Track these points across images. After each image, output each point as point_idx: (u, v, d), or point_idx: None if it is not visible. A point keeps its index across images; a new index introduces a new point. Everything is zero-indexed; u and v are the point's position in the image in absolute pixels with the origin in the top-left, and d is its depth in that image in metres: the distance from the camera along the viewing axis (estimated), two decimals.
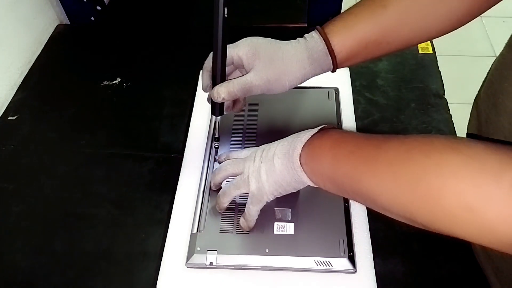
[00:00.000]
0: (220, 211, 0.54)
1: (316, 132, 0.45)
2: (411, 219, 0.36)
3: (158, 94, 0.74)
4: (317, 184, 0.44)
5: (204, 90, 0.51)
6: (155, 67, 0.79)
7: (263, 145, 0.50)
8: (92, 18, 0.88)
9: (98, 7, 0.87)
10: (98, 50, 0.83)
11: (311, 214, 0.54)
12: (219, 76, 0.49)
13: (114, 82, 0.76)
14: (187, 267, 0.52)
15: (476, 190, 0.31)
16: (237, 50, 0.49)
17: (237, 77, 0.49)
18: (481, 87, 0.55)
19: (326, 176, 0.43)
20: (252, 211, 0.50)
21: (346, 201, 0.55)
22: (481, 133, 0.53)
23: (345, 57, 0.49)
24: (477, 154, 0.32)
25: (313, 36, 0.49)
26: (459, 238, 0.33)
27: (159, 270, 0.52)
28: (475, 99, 0.57)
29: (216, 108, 0.51)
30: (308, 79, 0.50)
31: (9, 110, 0.73)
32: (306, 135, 0.45)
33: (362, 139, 0.41)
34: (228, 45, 0.49)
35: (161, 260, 0.53)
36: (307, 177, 0.44)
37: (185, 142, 0.64)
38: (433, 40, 0.78)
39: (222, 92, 0.48)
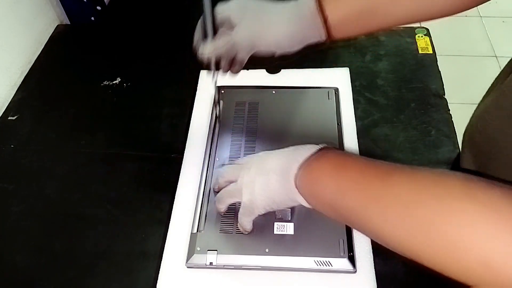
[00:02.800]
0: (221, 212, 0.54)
1: (315, 152, 0.43)
2: (419, 261, 0.34)
3: (158, 94, 0.74)
4: (315, 207, 0.43)
5: (195, 46, 0.51)
6: (155, 67, 0.79)
7: (261, 153, 0.49)
8: (92, 18, 0.88)
9: (98, 7, 0.87)
10: (98, 50, 0.83)
11: (311, 214, 0.54)
12: (208, 32, 0.48)
13: (114, 82, 0.76)
14: (187, 267, 0.52)
15: (493, 243, 0.29)
16: (226, 8, 0.48)
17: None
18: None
19: (328, 204, 0.41)
20: (244, 221, 0.50)
21: None
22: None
23: (338, 23, 0.47)
24: (494, 202, 0.30)
25: None
26: (466, 283, 0.32)
27: (159, 270, 0.52)
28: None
29: (212, 69, 0.51)
30: (297, 42, 0.48)
31: (9, 110, 0.73)
32: (303, 154, 0.43)
33: (366, 166, 0.39)
34: (218, 4, 0.48)
35: (161, 260, 0.53)
36: (304, 199, 0.43)
37: (185, 142, 0.64)
38: (433, 40, 0.78)
39: (207, 50, 0.48)
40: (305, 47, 0.50)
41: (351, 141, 0.63)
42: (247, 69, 0.73)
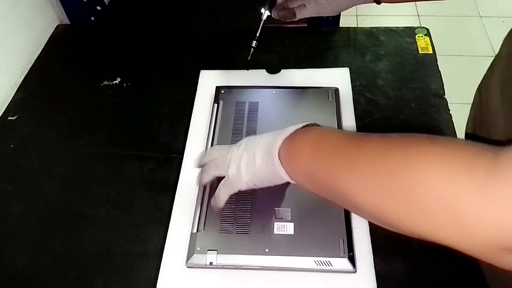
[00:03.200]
0: (201, 185, 0.56)
1: (299, 129, 0.45)
2: (390, 223, 0.34)
3: (158, 94, 0.74)
4: (295, 180, 0.44)
5: None
6: (155, 67, 0.79)
7: (252, 135, 0.50)
8: (92, 18, 0.88)
9: (98, 7, 0.87)
10: (98, 50, 0.83)
11: (311, 214, 0.54)
12: None
13: (114, 82, 0.76)
14: (187, 267, 0.52)
15: (448, 182, 0.29)
16: None
17: None
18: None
19: (305, 173, 0.42)
20: (222, 194, 0.49)
21: None
22: (481, 113, 0.52)
23: None
24: (454, 145, 0.31)
25: None
26: (437, 242, 0.31)
27: (159, 270, 0.52)
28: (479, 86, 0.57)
29: (267, 1, 0.56)
30: (350, 7, 0.57)
31: (9, 110, 0.73)
32: (288, 130, 0.45)
33: (344, 137, 0.41)
34: None
35: (161, 260, 0.53)
36: (285, 172, 0.44)
37: (185, 142, 0.64)
38: (433, 40, 0.78)
39: None
40: None
41: None
42: (247, 69, 0.73)
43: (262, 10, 0.54)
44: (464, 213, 0.28)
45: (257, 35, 0.55)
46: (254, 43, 0.57)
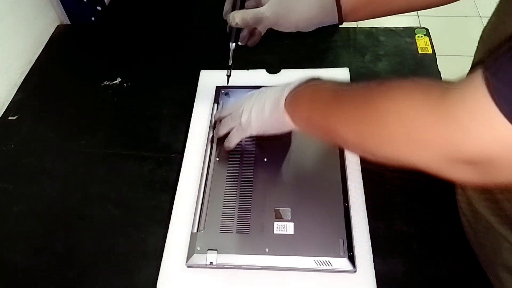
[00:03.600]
0: (217, 136, 0.61)
1: (303, 82, 0.51)
2: (362, 147, 0.40)
3: (158, 94, 0.74)
4: (297, 125, 0.50)
5: (224, 16, 0.58)
6: (155, 67, 0.79)
7: (262, 88, 0.56)
8: (93, 18, 0.88)
9: (99, 7, 0.87)
10: (98, 50, 0.84)
11: (311, 214, 0.54)
12: (237, 3, 0.56)
13: (114, 82, 0.76)
14: (187, 266, 0.52)
15: (409, 107, 0.34)
16: None
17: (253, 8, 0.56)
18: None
19: (305, 118, 0.49)
20: (235, 136, 0.57)
21: (346, 201, 0.55)
22: None
23: (350, 10, 0.54)
24: (421, 80, 0.35)
25: None
26: (404, 163, 0.36)
27: (159, 269, 0.52)
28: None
29: (233, 34, 0.58)
30: (313, 25, 0.56)
31: (9, 110, 0.73)
32: (294, 84, 0.51)
33: (337, 85, 0.47)
34: None
35: (161, 260, 0.53)
36: (290, 119, 0.50)
37: (185, 142, 0.64)
38: (432, 40, 0.78)
39: (237, 17, 0.55)
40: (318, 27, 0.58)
41: None
42: (247, 69, 0.73)
43: (230, 44, 0.59)
44: (419, 131, 0.33)
45: (230, 64, 0.61)
46: (228, 72, 0.62)
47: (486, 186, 0.46)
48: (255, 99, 0.55)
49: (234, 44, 0.59)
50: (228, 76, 0.62)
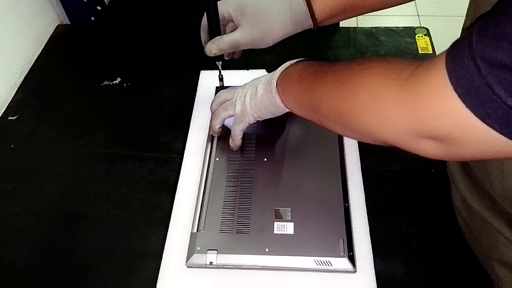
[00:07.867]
0: (214, 135, 0.61)
1: (294, 63, 0.52)
2: (341, 122, 0.42)
3: (158, 94, 0.74)
4: (287, 105, 0.51)
5: (203, 44, 0.59)
6: (155, 67, 0.79)
7: (255, 78, 0.57)
8: (93, 18, 0.88)
9: (99, 7, 0.87)
10: (98, 50, 0.84)
11: (311, 214, 0.54)
12: (212, 32, 0.56)
13: (114, 82, 0.76)
14: (187, 266, 0.52)
15: (381, 82, 0.36)
16: (227, 7, 0.55)
17: (228, 33, 0.55)
18: None
19: (293, 96, 0.49)
20: (237, 130, 0.57)
21: (346, 201, 0.55)
22: None
23: (325, 18, 0.55)
24: (398, 59, 0.37)
25: None
26: (375, 136, 0.38)
27: (159, 269, 0.52)
28: None
29: (215, 57, 0.59)
30: (288, 36, 0.56)
31: (9, 110, 0.73)
32: (285, 65, 0.52)
33: (323, 64, 0.47)
34: (218, 2, 0.54)
35: (161, 260, 0.53)
36: (279, 98, 0.51)
37: (185, 142, 0.64)
38: (433, 40, 0.78)
39: (213, 48, 0.56)
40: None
41: (351, 141, 0.63)
42: (247, 69, 0.73)
43: (217, 62, 0.61)
44: (388, 106, 0.35)
45: (220, 76, 0.64)
46: (220, 83, 0.65)
47: (452, 160, 0.50)
48: (248, 86, 0.56)
49: (220, 62, 0.61)
50: (221, 86, 0.66)
